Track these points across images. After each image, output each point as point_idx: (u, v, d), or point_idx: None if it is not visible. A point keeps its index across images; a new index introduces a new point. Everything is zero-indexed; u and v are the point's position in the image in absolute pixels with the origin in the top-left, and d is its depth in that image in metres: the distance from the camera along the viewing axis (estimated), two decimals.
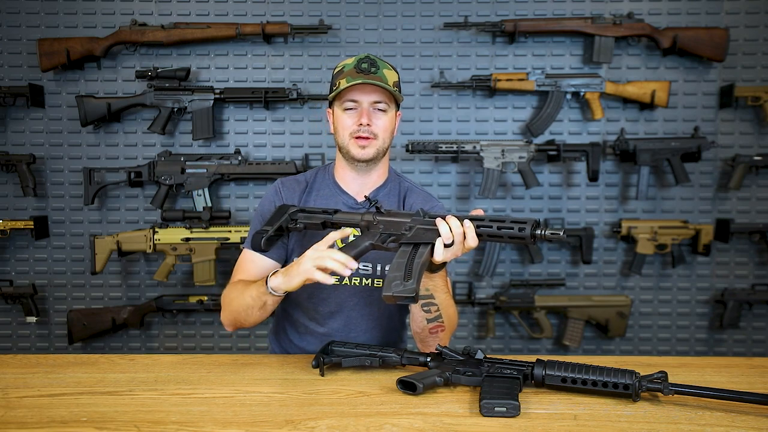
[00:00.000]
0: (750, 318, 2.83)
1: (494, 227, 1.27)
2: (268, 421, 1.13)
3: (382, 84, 1.51)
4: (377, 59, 1.57)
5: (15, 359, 1.50)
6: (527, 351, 2.86)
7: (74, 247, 2.82)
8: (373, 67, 1.54)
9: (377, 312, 1.64)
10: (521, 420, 1.12)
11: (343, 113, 1.56)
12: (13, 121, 2.77)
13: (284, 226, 1.49)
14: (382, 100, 1.54)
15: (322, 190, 1.66)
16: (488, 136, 2.77)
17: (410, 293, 1.25)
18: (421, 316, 1.48)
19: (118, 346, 2.85)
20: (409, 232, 1.33)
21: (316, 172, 1.71)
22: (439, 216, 1.32)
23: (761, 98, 2.66)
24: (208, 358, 1.51)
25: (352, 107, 1.55)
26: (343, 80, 1.53)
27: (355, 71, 1.52)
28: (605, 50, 2.65)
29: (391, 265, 1.30)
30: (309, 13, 2.73)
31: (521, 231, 1.23)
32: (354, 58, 1.57)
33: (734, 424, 1.11)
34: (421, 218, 1.34)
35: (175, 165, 2.67)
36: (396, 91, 1.55)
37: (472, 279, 2.82)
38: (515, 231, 1.24)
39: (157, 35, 2.65)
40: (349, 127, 1.55)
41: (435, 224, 1.30)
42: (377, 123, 1.55)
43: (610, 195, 2.80)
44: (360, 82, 1.49)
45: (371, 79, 1.51)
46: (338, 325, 1.63)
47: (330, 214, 1.47)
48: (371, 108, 1.54)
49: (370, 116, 1.53)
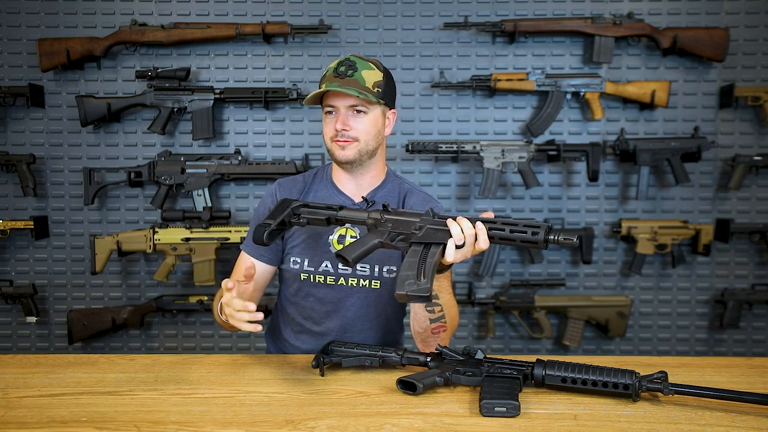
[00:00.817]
0: (750, 318, 2.83)
1: (507, 230, 1.26)
2: (268, 421, 1.13)
3: (348, 90, 1.49)
4: (359, 60, 1.56)
5: (15, 359, 1.50)
6: (527, 351, 2.86)
7: (74, 247, 2.82)
8: (351, 69, 1.53)
9: (374, 313, 1.64)
10: (521, 420, 1.12)
11: (324, 117, 1.59)
12: (13, 121, 2.77)
13: (287, 220, 1.46)
14: (358, 103, 1.55)
15: (319, 191, 1.66)
16: (488, 136, 2.77)
17: (424, 292, 1.25)
18: (425, 316, 1.47)
19: (118, 346, 2.85)
20: (420, 232, 1.32)
21: (314, 173, 1.71)
22: (450, 217, 1.31)
23: (761, 98, 2.66)
24: (208, 358, 1.51)
25: (331, 111, 1.57)
26: (323, 84, 1.55)
27: (333, 75, 1.54)
28: (605, 50, 2.65)
29: (403, 264, 1.29)
30: (309, 13, 2.73)
31: (535, 235, 1.22)
32: (338, 60, 1.58)
33: (734, 424, 1.11)
34: (431, 218, 1.34)
35: (175, 165, 2.67)
36: (376, 92, 1.53)
37: (472, 279, 2.82)
38: (528, 235, 1.23)
39: (157, 35, 2.65)
40: (330, 131, 1.57)
41: (446, 224, 1.30)
42: (356, 126, 1.55)
43: (610, 195, 2.80)
44: (324, 90, 1.52)
45: (346, 83, 1.51)
46: (335, 325, 1.63)
47: (335, 210, 1.45)
48: (349, 111, 1.55)
49: (345, 120, 1.54)
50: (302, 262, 1.62)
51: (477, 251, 1.31)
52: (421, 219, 1.34)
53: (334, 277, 1.61)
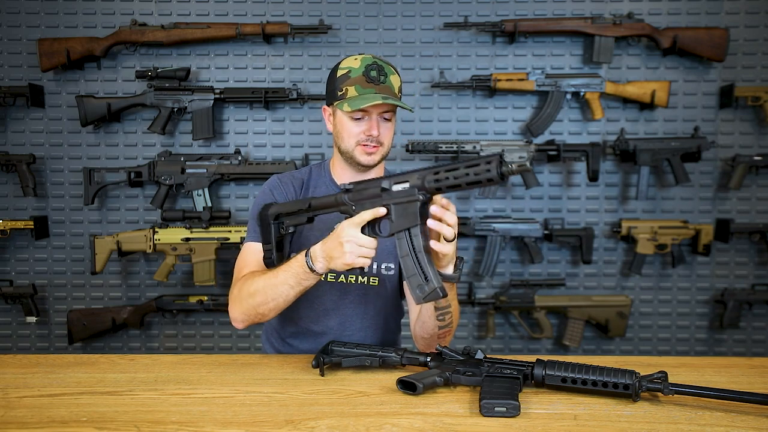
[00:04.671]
0: (750, 318, 2.83)
1: (459, 173, 1.20)
2: (268, 421, 1.13)
3: (395, 101, 1.50)
4: (384, 64, 1.55)
5: (15, 359, 1.49)
6: (527, 351, 2.86)
7: (74, 247, 2.82)
8: (382, 75, 1.53)
9: (373, 311, 1.64)
10: (521, 420, 1.12)
11: (350, 121, 1.54)
12: (13, 121, 2.77)
13: (284, 233, 1.49)
14: (389, 110, 1.55)
15: (319, 188, 1.66)
16: (488, 136, 2.77)
17: (437, 295, 1.27)
18: (435, 324, 1.48)
19: (118, 346, 2.85)
20: (392, 216, 1.29)
21: (310, 170, 1.70)
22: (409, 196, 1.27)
23: (761, 98, 2.66)
24: (208, 358, 1.51)
25: (361, 117, 1.54)
26: (351, 88, 1.51)
27: (364, 80, 1.51)
28: (605, 50, 2.65)
29: (403, 266, 1.29)
30: (309, 13, 2.73)
31: (488, 172, 1.15)
32: (359, 59, 1.54)
33: (734, 424, 1.10)
34: (391, 192, 1.30)
35: (175, 165, 2.67)
36: (400, 96, 1.56)
37: (472, 279, 2.82)
38: (482, 170, 1.16)
39: (157, 35, 2.65)
40: (356, 135, 1.54)
41: (410, 198, 1.26)
42: (384, 132, 1.55)
43: (610, 195, 2.80)
44: (380, 101, 1.47)
45: (381, 89, 1.51)
46: (334, 323, 1.63)
47: (308, 209, 1.44)
48: (379, 117, 1.54)
49: (379, 127, 1.54)
50: None
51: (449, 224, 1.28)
52: (383, 196, 1.31)
53: (334, 274, 1.61)
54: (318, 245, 1.38)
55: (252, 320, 1.51)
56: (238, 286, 1.53)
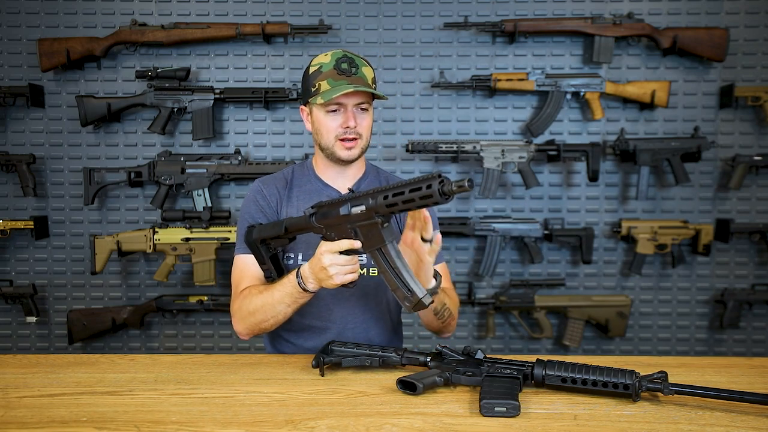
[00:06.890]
0: (750, 318, 2.83)
1: (401, 198, 1.21)
2: (268, 421, 1.13)
3: (367, 89, 1.52)
4: (354, 57, 1.57)
5: (15, 359, 1.50)
6: (527, 351, 2.86)
7: (74, 247, 2.82)
8: (353, 66, 1.54)
9: (374, 302, 1.65)
10: (521, 420, 1.12)
11: (326, 115, 1.56)
12: (13, 121, 2.77)
13: (273, 252, 1.54)
14: (364, 101, 1.56)
15: (304, 186, 1.66)
16: (488, 136, 2.77)
17: (422, 305, 1.30)
18: (437, 322, 1.57)
19: (118, 346, 2.85)
20: (361, 238, 1.31)
21: (293, 169, 1.71)
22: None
23: (761, 98, 2.66)
24: (208, 358, 1.51)
25: (336, 109, 1.55)
26: (323, 82, 1.53)
27: (335, 72, 1.52)
28: (605, 50, 2.65)
29: (386, 282, 1.32)
30: (309, 13, 2.74)
31: (429, 189, 1.16)
32: (329, 54, 1.56)
33: (734, 424, 1.10)
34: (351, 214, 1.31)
35: (175, 165, 2.67)
36: (375, 87, 1.57)
37: (472, 279, 2.82)
38: (423, 191, 1.17)
39: (157, 35, 2.65)
40: (334, 129, 1.55)
41: (376, 222, 1.27)
42: (361, 123, 1.56)
43: (610, 195, 2.80)
44: (351, 89, 1.49)
45: (353, 80, 1.52)
46: (336, 316, 1.63)
47: (285, 233, 1.47)
48: (354, 109, 1.55)
49: (355, 118, 1.55)
50: (296, 257, 1.61)
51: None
52: (348, 218, 1.32)
53: None
54: (306, 266, 1.41)
55: (256, 333, 1.58)
56: (237, 303, 1.57)
